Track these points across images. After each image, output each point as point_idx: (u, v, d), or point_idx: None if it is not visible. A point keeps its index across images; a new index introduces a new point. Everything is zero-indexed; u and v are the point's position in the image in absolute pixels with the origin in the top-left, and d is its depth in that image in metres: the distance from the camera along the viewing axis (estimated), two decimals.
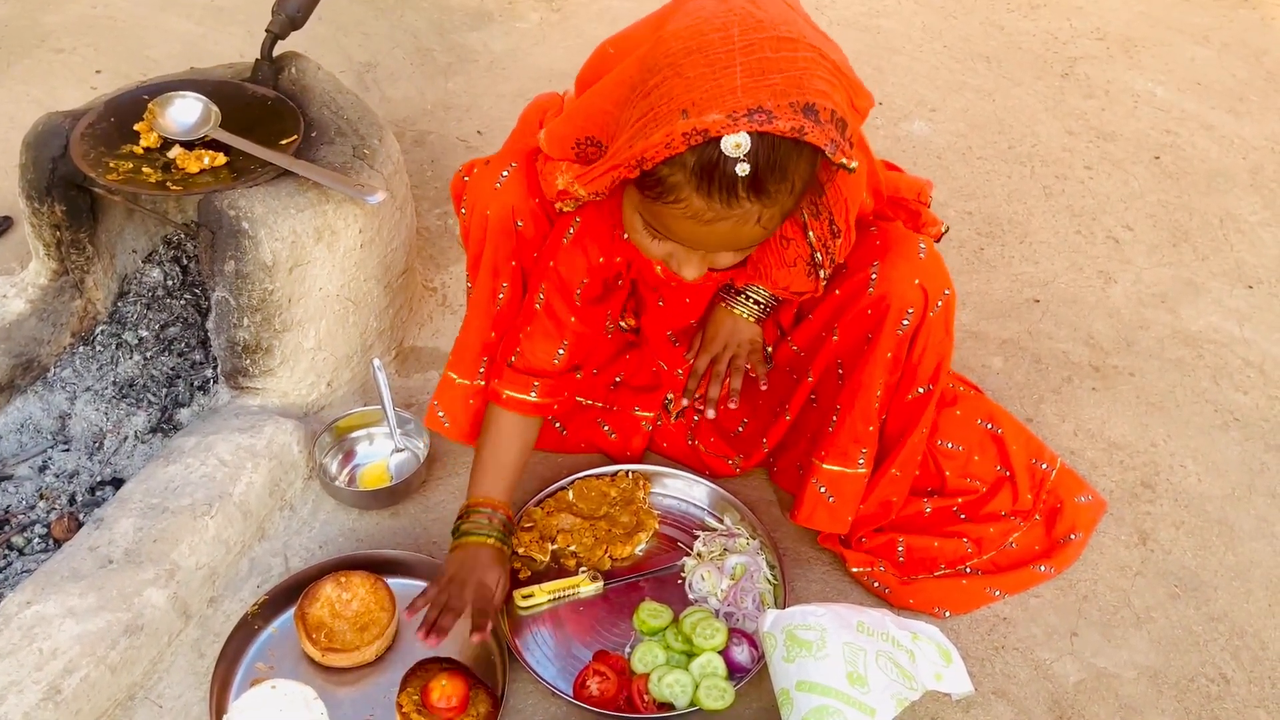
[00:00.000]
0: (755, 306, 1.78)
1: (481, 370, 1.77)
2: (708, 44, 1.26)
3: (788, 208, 1.35)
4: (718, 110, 1.23)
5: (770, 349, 1.87)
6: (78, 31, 2.95)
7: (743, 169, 1.25)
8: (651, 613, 1.73)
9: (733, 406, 1.69)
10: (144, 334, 2.06)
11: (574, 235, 1.64)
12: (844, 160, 1.29)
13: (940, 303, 1.62)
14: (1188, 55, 3.29)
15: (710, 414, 1.79)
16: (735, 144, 1.23)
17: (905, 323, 1.63)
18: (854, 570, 1.84)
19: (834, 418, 1.75)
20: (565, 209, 1.57)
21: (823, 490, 1.78)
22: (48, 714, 1.48)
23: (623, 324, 1.89)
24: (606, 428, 2.01)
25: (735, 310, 1.79)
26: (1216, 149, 2.92)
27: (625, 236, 1.61)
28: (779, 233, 1.51)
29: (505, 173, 1.65)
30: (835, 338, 1.74)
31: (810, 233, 1.52)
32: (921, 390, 1.71)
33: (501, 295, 1.72)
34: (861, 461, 1.75)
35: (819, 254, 1.53)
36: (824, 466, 1.77)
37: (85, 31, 2.95)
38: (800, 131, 1.24)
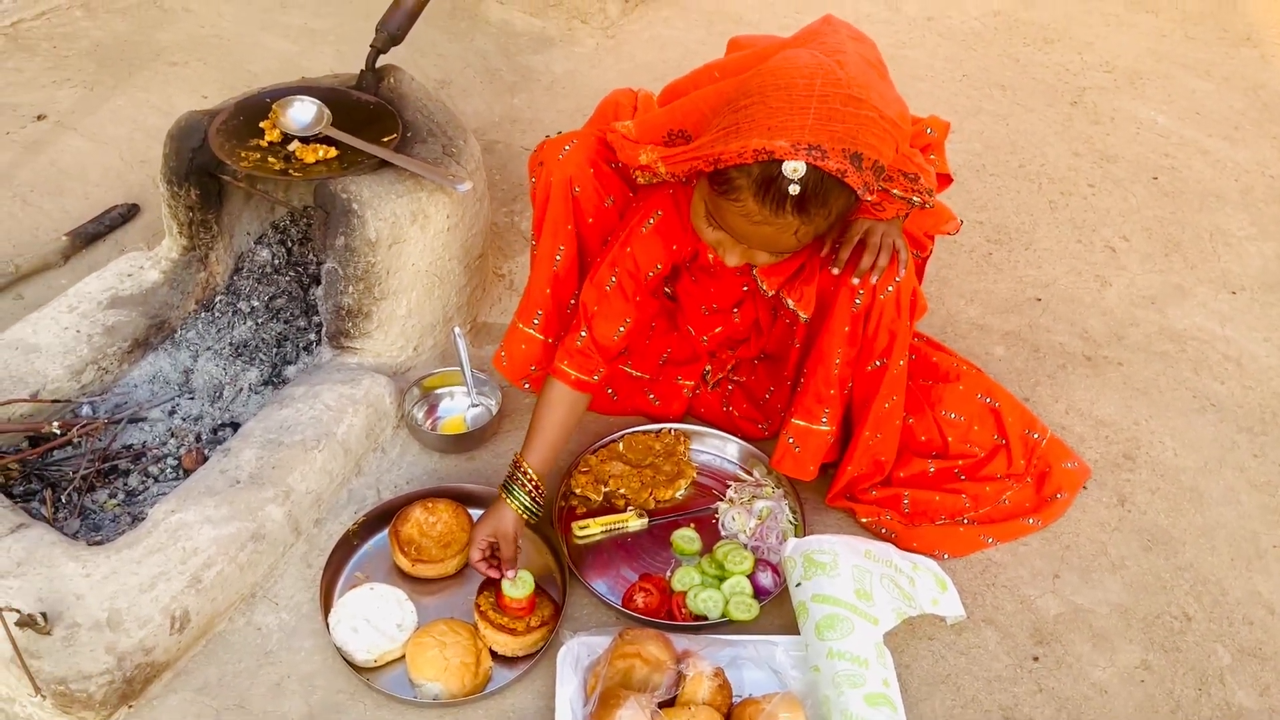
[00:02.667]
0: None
1: (536, 321, 2.07)
2: (793, 85, 1.58)
3: (821, 229, 1.68)
4: (785, 139, 1.55)
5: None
6: (188, 47, 3.32)
7: (794, 189, 1.58)
8: (685, 539, 2.03)
9: (874, 280, 1.85)
10: (255, 303, 2.39)
11: (654, 226, 1.94)
12: (869, 198, 1.63)
13: (891, 288, 1.87)
14: (1189, 87, 3.57)
15: (854, 281, 1.87)
16: (794, 168, 1.56)
17: (858, 301, 1.89)
18: (863, 520, 2.12)
19: (801, 380, 2.04)
20: (641, 180, 1.87)
21: (791, 441, 2.05)
22: (190, 599, 1.79)
23: (666, 290, 2.19)
24: (651, 396, 2.31)
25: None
26: (1211, 171, 3.19)
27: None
28: (874, 201, 1.72)
29: (567, 147, 1.98)
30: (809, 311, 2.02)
31: (894, 192, 1.75)
32: (878, 363, 1.95)
33: (559, 258, 2.02)
34: (825, 420, 2.01)
35: (915, 198, 1.77)
36: (793, 421, 2.04)
37: (195, 48, 3.32)
38: (843, 173, 1.57)
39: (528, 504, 1.90)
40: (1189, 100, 3.50)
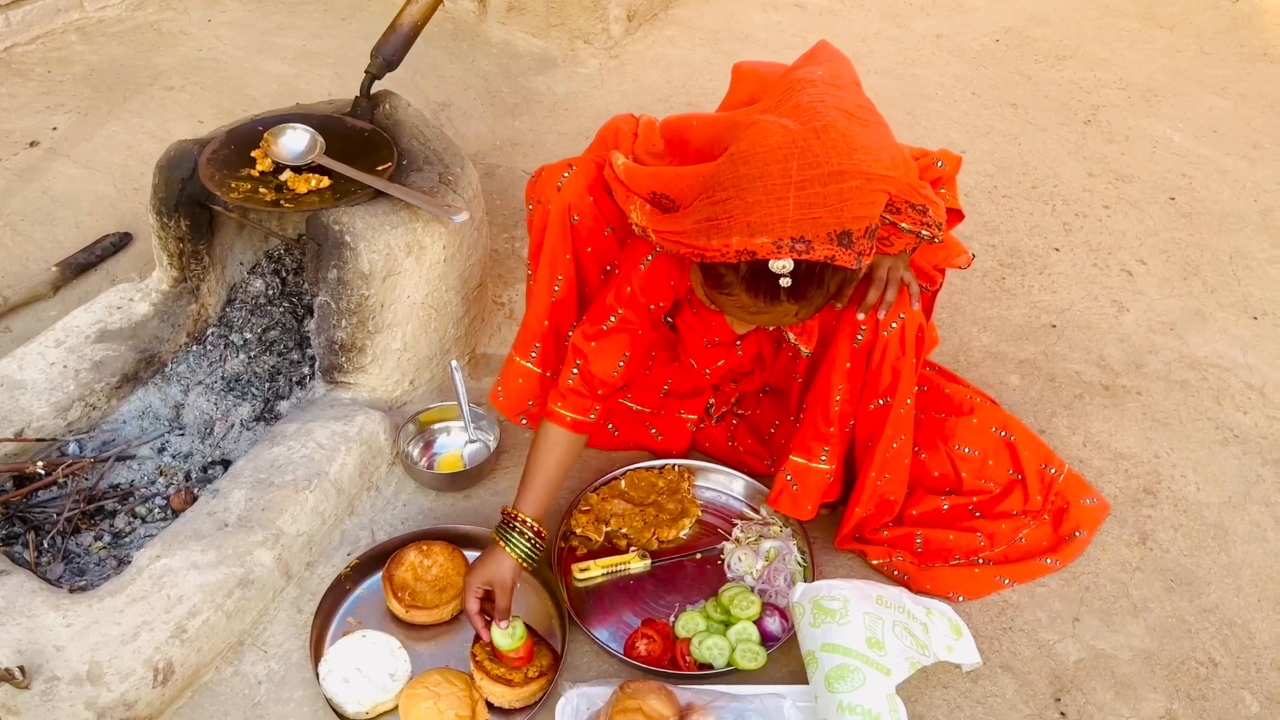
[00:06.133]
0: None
1: (533, 355, 2.01)
2: (769, 174, 1.50)
3: (820, 304, 1.62)
4: (767, 236, 1.48)
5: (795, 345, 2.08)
6: (185, 71, 3.27)
7: (785, 281, 1.52)
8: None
9: (881, 315, 1.79)
10: (248, 336, 2.33)
11: (651, 263, 1.87)
12: (864, 265, 1.55)
13: (895, 324, 1.80)
14: (1206, 105, 3.49)
15: (860, 315, 1.81)
16: (781, 265, 1.50)
17: (859, 337, 1.82)
18: (874, 562, 2.05)
19: (801, 416, 1.97)
20: (635, 230, 1.78)
21: (789, 478, 1.99)
22: (175, 649, 1.72)
23: (666, 318, 2.11)
24: (654, 430, 2.24)
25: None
26: (1229, 191, 3.11)
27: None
28: (881, 236, 1.64)
29: (566, 174, 1.91)
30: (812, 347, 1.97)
31: (902, 225, 1.67)
32: (881, 402, 1.88)
33: (557, 288, 1.96)
34: (824, 458, 1.94)
35: (924, 231, 1.69)
36: (791, 458, 1.98)
37: (192, 72, 3.27)
38: (831, 258, 1.50)
39: (528, 550, 1.82)
40: (1206, 118, 3.42)
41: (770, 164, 1.50)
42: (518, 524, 1.82)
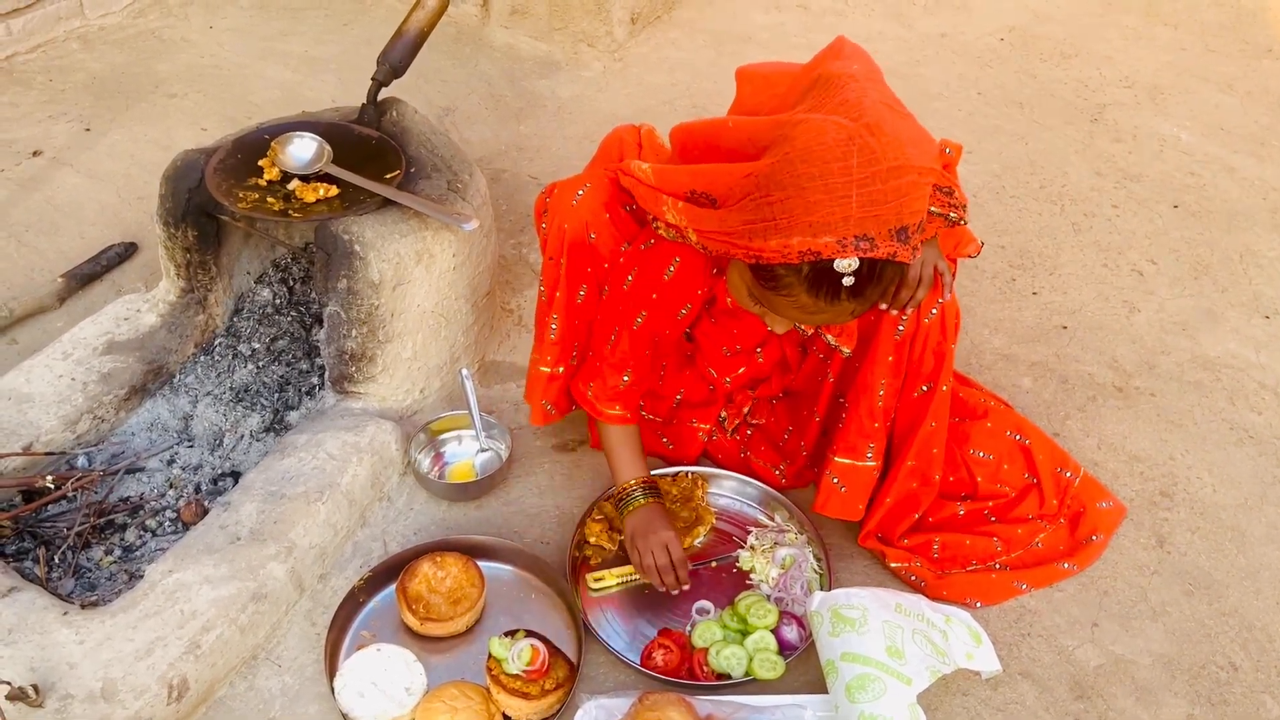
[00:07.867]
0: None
1: (573, 359, 2.01)
2: (829, 172, 1.48)
3: (875, 300, 1.62)
4: (830, 235, 1.48)
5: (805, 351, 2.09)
6: (188, 79, 3.26)
7: (849, 280, 1.52)
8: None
9: (909, 311, 1.81)
10: (256, 346, 2.31)
11: (675, 273, 1.85)
12: (917, 258, 1.63)
13: (935, 310, 1.80)
14: (1212, 102, 3.48)
15: (884, 306, 1.82)
16: (847, 264, 1.49)
17: (900, 329, 1.82)
18: (892, 565, 2.03)
19: (843, 415, 1.96)
20: (665, 234, 1.78)
21: (835, 481, 1.97)
22: (189, 665, 1.71)
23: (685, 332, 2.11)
24: (665, 439, 2.23)
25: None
26: (1238, 190, 3.09)
27: (716, 272, 1.88)
28: None
29: (580, 192, 1.89)
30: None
31: (932, 209, 1.70)
32: (925, 388, 1.88)
33: (581, 295, 1.96)
34: (870, 455, 1.93)
35: (952, 214, 1.72)
36: (836, 460, 1.96)
37: (194, 79, 3.26)
38: (893, 255, 1.50)
39: (654, 496, 1.98)
40: (1212, 115, 3.41)
41: (830, 162, 1.48)
42: (633, 488, 1.98)
